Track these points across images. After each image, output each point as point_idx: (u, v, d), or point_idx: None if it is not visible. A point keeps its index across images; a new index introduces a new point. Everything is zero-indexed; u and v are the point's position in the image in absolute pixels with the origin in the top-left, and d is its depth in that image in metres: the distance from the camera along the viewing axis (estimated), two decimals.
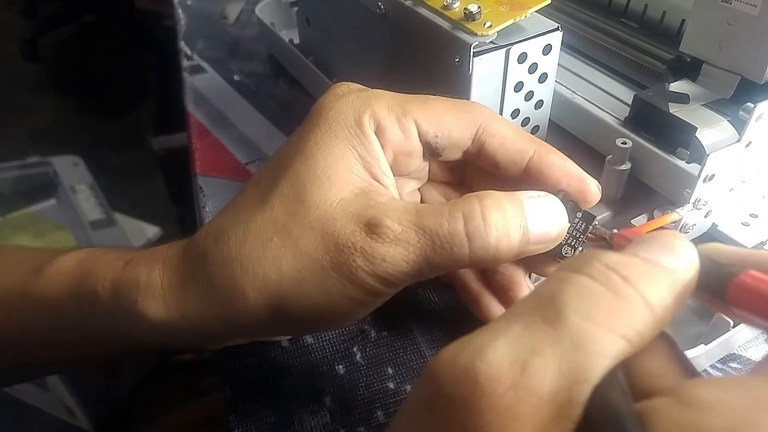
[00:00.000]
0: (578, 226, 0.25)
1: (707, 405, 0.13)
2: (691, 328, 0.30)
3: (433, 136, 0.25)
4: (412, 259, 0.22)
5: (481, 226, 0.22)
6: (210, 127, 0.49)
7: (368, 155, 0.24)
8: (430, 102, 0.25)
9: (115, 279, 0.25)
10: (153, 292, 0.24)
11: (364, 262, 0.22)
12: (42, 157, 1.25)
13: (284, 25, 0.56)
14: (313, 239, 0.22)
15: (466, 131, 0.25)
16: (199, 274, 0.24)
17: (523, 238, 0.23)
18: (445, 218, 0.22)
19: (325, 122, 0.24)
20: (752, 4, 0.30)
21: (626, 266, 0.16)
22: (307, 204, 0.23)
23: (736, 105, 0.32)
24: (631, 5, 0.41)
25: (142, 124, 1.61)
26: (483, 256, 0.22)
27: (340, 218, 0.22)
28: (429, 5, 0.32)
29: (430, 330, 0.32)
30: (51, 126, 1.81)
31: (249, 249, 0.23)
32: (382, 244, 0.22)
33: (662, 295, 0.15)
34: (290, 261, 0.22)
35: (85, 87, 1.99)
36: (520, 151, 0.25)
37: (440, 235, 0.22)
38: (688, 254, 0.17)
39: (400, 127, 0.25)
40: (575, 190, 0.25)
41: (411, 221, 0.22)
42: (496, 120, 0.26)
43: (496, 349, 0.15)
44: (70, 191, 1.20)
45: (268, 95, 0.53)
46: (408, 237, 0.22)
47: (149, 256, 0.26)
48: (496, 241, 0.22)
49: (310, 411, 0.29)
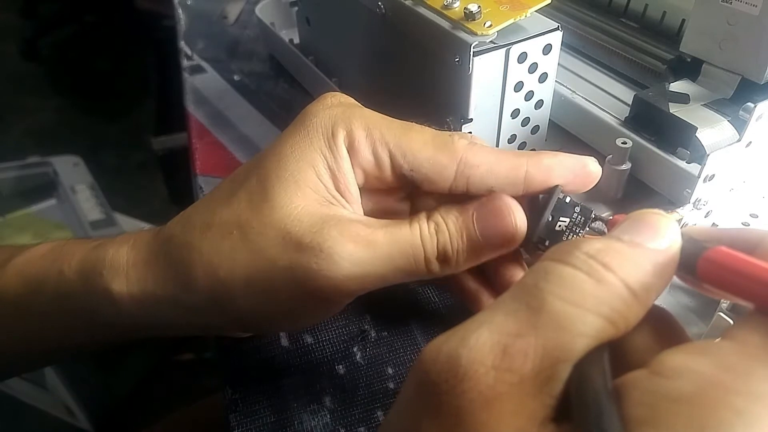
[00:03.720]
0: (577, 220, 0.25)
1: (676, 371, 0.14)
2: (691, 328, 0.30)
3: (408, 170, 0.25)
4: (377, 263, 0.23)
5: (454, 240, 0.24)
6: (210, 127, 0.50)
7: (336, 168, 0.24)
8: (410, 135, 0.25)
9: (82, 258, 0.26)
10: (117, 268, 0.25)
11: (327, 263, 0.22)
12: (42, 157, 1.25)
13: (284, 25, 0.57)
14: (272, 238, 0.23)
15: (444, 170, 0.24)
16: (162, 254, 0.25)
17: (471, 243, 0.24)
18: (413, 229, 0.23)
19: (305, 129, 0.25)
20: (752, 4, 0.30)
21: (606, 253, 0.16)
22: (271, 203, 0.23)
23: (736, 105, 0.32)
24: (631, 5, 0.41)
25: (142, 124, 1.61)
26: (449, 267, 0.24)
27: (305, 220, 0.23)
28: (429, 5, 0.32)
29: (430, 330, 0.33)
30: (51, 126, 1.81)
31: (209, 238, 0.24)
32: (347, 246, 0.22)
33: (643, 277, 0.16)
34: (245, 255, 0.23)
35: (85, 87, 1.99)
36: (513, 170, 0.24)
37: (410, 244, 0.23)
38: (671, 233, 0.17)
39: (374, 153, 0.25)
40: (579, 177, 0.25)
41: (381, 229, 0.23)
42: (475, 150, 0.24)
43: (479, 335, 0.15)
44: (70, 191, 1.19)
45: (268, 95, 0.53)
46: (376, 242, 0.23)
47: (119, 239, 0.27)
48: (463, 253, 0.24)
49: (310, 411, 0.29)
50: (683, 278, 0.18)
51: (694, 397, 0.13)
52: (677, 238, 0.17)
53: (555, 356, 0.15)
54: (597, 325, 0.15)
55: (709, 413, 0.13)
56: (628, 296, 0.16)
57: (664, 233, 0.17)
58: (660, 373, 0.14)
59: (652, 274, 0.16)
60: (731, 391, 0.13)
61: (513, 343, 0.15)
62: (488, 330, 0.15)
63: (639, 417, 0.13)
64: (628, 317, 0.16)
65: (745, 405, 0.13)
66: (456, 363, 0.15)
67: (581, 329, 0.15)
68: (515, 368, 0.15)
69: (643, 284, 0.16)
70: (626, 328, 0.16)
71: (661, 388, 0.14)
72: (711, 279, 0.16)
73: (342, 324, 0.33)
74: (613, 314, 0.16)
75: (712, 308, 0.28)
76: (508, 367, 0.15)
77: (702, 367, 0.14)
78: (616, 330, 0.16)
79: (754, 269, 0.15)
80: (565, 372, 0.15)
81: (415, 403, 0.16)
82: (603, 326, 0.15)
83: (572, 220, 0.25)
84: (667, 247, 0.17)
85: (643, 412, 0.13)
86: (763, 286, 0.15)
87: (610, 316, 0.15)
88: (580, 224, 0.25)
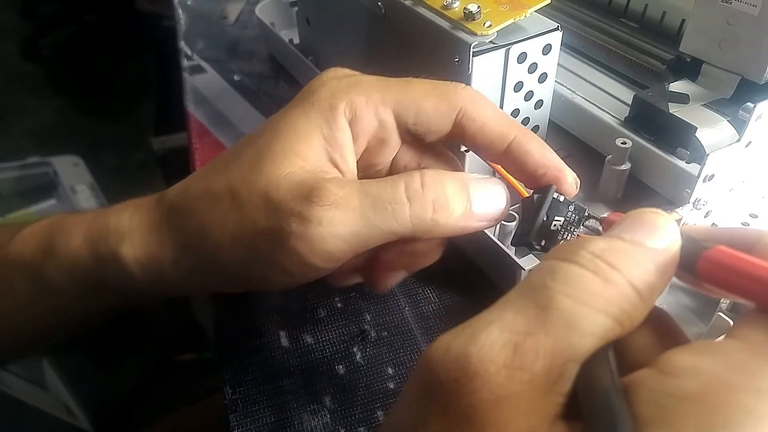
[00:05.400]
0: (571, 219, 0.25)
1: (683, 371, 0.14)
2: (691, 328, 0.30)
3: (412, 124, 0.26)
4: (351, 222, 0.23)
5: (420, 190, 0.23)
6: (210, 127, 0.50)
7: (333, 140, 0.25)
8: (410, 88, 0.26)
9: (86, 227, 0.27)
10: (121, 234, 0.26)
11: (299, 226, 0.23)
12: (42, 157, 1.25)
13: (284, 25, 0.57)
14: (255, 203, 0.24)
15: (445, 118, 0.26)
16: (163, 220, 0.26)
17: (466, 212, 0.24)
18: (388, 184, 0.24)
19: (303, 103, 0.26)
20: (752, 4, 0.30)
21: (611, 252, 0.16)
22: (259, 173, 0.24)
23: (736, 105, 0.32)
24: (631, 5, 0.41)
25: (142, 124, 1.61)
26: (423, 220, 0.23)
27: (283, 186, 0.24)
28: (429, 5, 0.32)
29: (430, 330, 0.33)
30: (51, 126, 1.81)
31: (203, 203, 0.25)
32: (321, 208, 0.23)
33: (647, 276, 0.16)
34: (232, 219, 0.24)
35: (85, 87, 1.99)
36: (500, 136, 0.26)
37: (382, 197, 0.23)
38: (670, 232, 0.17)
39: (377, 117, 0.26)
40: (551, 179, 0.25)
41: (354, 187, 0.23)
42: (477, 103, 0.26)
43: (488, 333, 0.15)
44: (70, 191, 1.19)
45: (268, 95, 0.53)
46: (350, 201, 0.23)
47: (117, 207, 0.28)
48: (434, 205, 0.23)
49: (310, 411, 0.29)
50: (682, 278, 0.18)
51: (703, 396, 0.13)
52: (677, 238, 0.17)
53: (565, 355, 0.15)
54: (605, 325, 0.15)
55: (717, 412, 0.13)
56: (634, 296, 0.16)
57: (664, 233, 0.17)
58: (667, 373, 0.14)
59: (654, 274, 0.16)
60: (739, 389, 0.13)
61: (523, 341, 0.15)
62: (498, 328, 0.15)
63: (647, 416, 0.13)
64: (633, 317, 0.16)
65: (754, 403, 0.13)
66: (466, 361, 0.15)
67: (590, 328, 0.15)
68: (526, 366, 0.15)
69: (647, 284, 0.16)
70: (631, 327, 0.16)
71: (669, 387, 0.14)
72: (712, 278, 0.16)
73: (342, 324, 0.33)
74: (620, 314, 0.16)
75: (711, 308, 0.28)
76: (519, 365, 0.15)
77: (709, 367, 0.14)
78: (622, 329, 0.16)
79: (755, 268, 0.15)
80: (574, 370, 0.15)
81: (422, 402, 0.16)
82: (610, 325, 0.15)
83: (567, 219, 0.25)
84: (668, 246, 0.17)
85: (651, 411, 0.14)
86: (764, 285, 0.15)
87: (617, 316, 0.16)
88: (575, 223, 0.25)
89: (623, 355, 0.17)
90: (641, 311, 0.16)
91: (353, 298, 0.34)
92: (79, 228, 0.27)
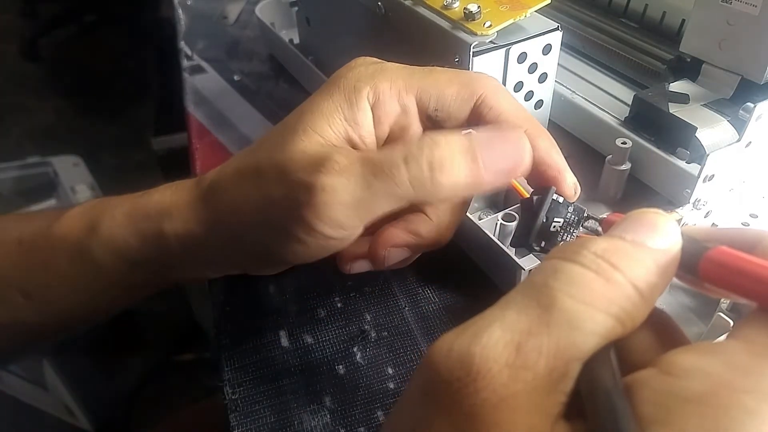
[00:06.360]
0: (571, 220, 0.25)
1: (686, 371, 0.14)
2: (691, 328, 0.30)
3: (433, 110, 0.27)
4: (353, 188, 0.23)
5: (415, 151, 0.23)
6: (210, 127, 0.50)
7: (353, 120, 0.26)
8: (433, 75, 0.27)
9: (129, 206, 0.29)
10: (163, 211, 0.28)
11: (305, 194, 0.23)
12: (42, 157, 1.25)
13: (284, 25, 0.57)
14: (273, 178, 0.25)
15: (465, 105, 0.27)
16: (201, 198, 0.28)
17: (472, 170, 0.23)
18: (388, 149, 0.24)
19: (329, 87, 0.27)
20: (752, 4, 0.30)
21: (613, 252, 0.16)
22: (281, 150, 0.25)
23: (736, 105, 0.32)
24: (631, 5, 0.41)
25: (142, 124, 1.61)
26: (422, 180, 0.23)
27: (297, 159, 0.24)
28: (429, 5, 0.32)
29: (430, 330, 0.33)
30: (51, 126, 1.81)
31: (234, 181, 0.27)
32: (326, 175, 0.23)
33: (648, 277, 0.16)
34: (255, 193, 0.25)
35: (85, 87, 1.99)
36: (513, 126, 0.26)
37: (382, 162, 0.23)
38: (671, 232, 0.17)
39: (399, 102, 0.27)
40: (550, 178, 0.26)
41: (358, 156, 0.24)
42: (496, 93, 0.27)
43: (491, 333, 0.15)
44: (70, 191, 1.19)
45: (268, 95, 0.53)
46: (352, 168, 0.23)
47: (159, 188, 0.29)
48: (431, 164, 0.23)
49: (310, 411, 0.29)
50: (683, 278, 0.18)
51: (706, 396, 0.13)
52: (678, 238, 0.17)
53: (567, 354, 0.15)
54: (607, 325, 0.15)
55: (720, 413, 0.13)
56: (636, 296, 0.16)
57: (665, 233, 0.17)
58: (670, 373, 0.14)
59: (656, 274, 0.16)
60: (742, 390, 0.13)
61: (526, 341, 0.15)
62: (500, 328, 0.15)
63: (650, 416, 0.13)
64: (635, 317, 0.16)
65: (757, 404, 0.13)
66: (469, 361, 0.15)
67: (592, 328, 0.15)
68: (529, 366, 0.15)
69: (648, 284, 0.16)
70: (632, 327, 0.16)
71: (672, 388, 0.14)
72: (713, 279, 0.16)
73: (342, 324, 0.33)
74: (622, 314, 0.16)
75: (711, 308, 0.28)
76: (522, 364, 0.15)
77: (712, 367, 0.14)
78: (624, 329, 0.16)
79: (758, 269, 0.15)
80: (576, 370, 0.15)
81: (424, 402, 0.16)
82: (612, 325, 0.15)
83: (566, 220, 0.25)
84: (669, 246, 0.17)
85: (654, 411, 0.14)
86: (766, 285, 0.15)
87: (619, 316, 0.16)
88: (575, 224, 0.25)
89: (623, 356, 0.17)
90: (643, 311, 0.16)
91: (353, 298, 0.34)
92: (122, 207, 0.29)
